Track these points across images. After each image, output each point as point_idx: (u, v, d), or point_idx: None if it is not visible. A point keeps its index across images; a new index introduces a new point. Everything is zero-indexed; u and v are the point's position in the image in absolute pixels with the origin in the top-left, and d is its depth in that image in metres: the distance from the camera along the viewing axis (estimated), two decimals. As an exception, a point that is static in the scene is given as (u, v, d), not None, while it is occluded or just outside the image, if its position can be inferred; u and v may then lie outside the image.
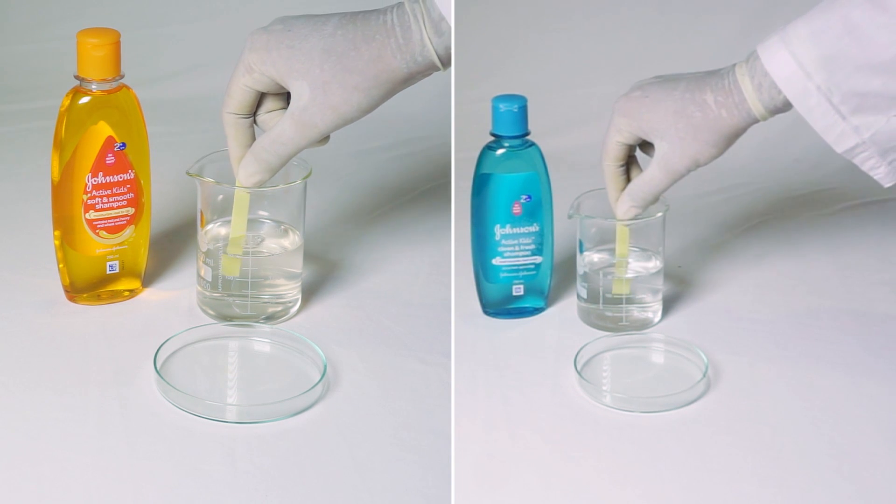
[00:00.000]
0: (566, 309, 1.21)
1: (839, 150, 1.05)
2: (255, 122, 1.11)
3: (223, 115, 1.09)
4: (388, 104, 1.64)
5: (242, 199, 1.12)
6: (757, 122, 1.07)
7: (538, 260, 1.18)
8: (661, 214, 1.16)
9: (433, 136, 1.58)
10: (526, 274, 1.19)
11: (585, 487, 0.98)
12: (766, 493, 0.97)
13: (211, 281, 1.15)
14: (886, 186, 1.07)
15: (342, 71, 1.03)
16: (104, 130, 1.13)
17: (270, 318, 1.16)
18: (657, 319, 1.19)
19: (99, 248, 1.16)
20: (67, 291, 1.17)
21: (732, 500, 0.96)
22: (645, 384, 1.10)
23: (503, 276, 1.18)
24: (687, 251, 1.32)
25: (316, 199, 1.30)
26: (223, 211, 1.16)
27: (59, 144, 1.12)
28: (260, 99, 1.10)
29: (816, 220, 1.40)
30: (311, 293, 1.21)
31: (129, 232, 1.17)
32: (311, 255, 1.25)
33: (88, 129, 1.12)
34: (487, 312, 1.20)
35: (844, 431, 1.03)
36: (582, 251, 1.18)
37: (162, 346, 1.09)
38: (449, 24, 1.01)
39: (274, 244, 1.17)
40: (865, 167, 1.05)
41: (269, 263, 1.16)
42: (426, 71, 1.04)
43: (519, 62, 1.62)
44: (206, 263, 1.15)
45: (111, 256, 1.17)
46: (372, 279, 1.25)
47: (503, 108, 1.15)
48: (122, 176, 1.14)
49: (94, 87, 1.12)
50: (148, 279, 1.21)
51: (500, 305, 1.20)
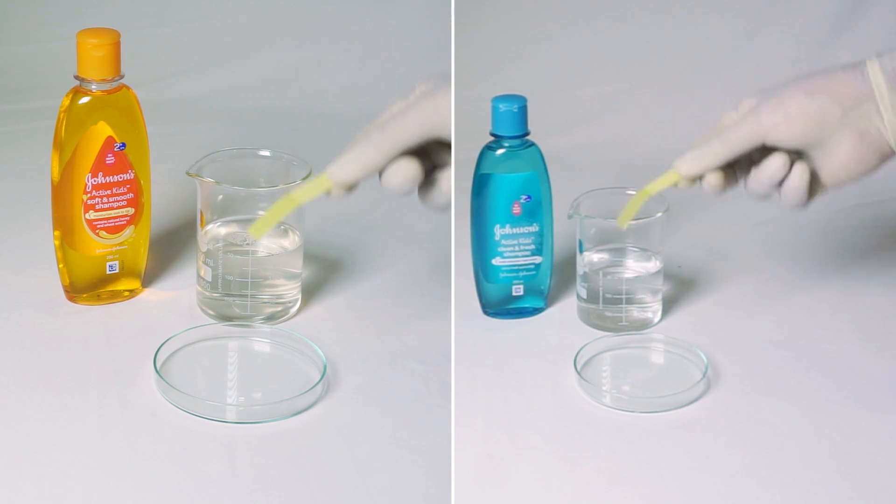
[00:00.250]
0: (566, 309, 1.21)
1: None
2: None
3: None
4: (388, 104, 1.65)
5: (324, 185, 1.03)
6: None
7: (538, 260, 1.18)
8: (661, 214, 1.16)
9: (433, 136, 1.57)
10: (526, 274, 1.19)
11: (585, 488, 0.98)
12: (766, 493, 0.97)
13: (211, 281, 1.15)
14: None
15: None
16: (104, 130, 1.13)
17: (270, 318, 1.16)
18: (657, 319, 1.19)
19: (99, 248, 1.16)
20: (67, 291, 1.17)
21: (732, 500, 0.96)
22: (645, 384, 1.10)
23: (503, 276, 1.18)
24: (687, 251, 1.32)
25: (316, 199, 1.29)
26: (223, 211, 1.16)
27: (59, 144, 1.12)
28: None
29: (816, 220, 1.39)
30: (311, 293, 1.21)
31: (129, 232, 1.17)
32: (311, 255, 1.25)
33: (88, 129, 1.12)
34: (487, 312, 1.20)
35: (844, 431, 1.03)
36: (582, 251, 1.18)
37: (162, 346, 1.09)
38: None
39: (274, 244, 1.17)
40: None
41: (269, 263, 1.16)
42: None
43: (519, 62, 1.62)
44: (206, 263, 1.15)
45: (111, 256, 1.17)
46: (372, 279, 1.25)
47: (503, 108, 1.15)
48: (122, 176, 1.14)
49: (94, 87, 1.12)
50: (148, 279, 1.21)
51: (500, 305, 1.20)
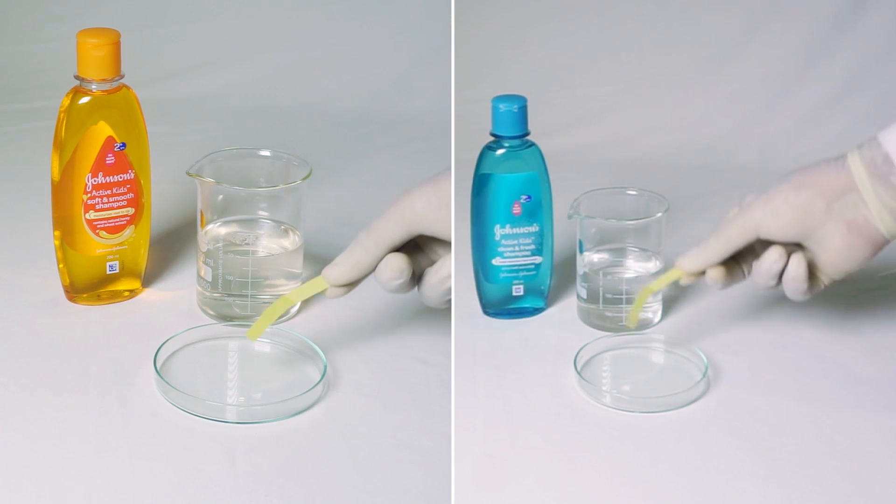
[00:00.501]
0: (566, 309, 1.21)
1: None
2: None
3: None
4: (388, 104, 1.65)
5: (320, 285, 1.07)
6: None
7: (538, 260, 1.18)
8: (661, 214, 1.16)
9: (433, 136, 1.58)
10: (526, 274, 1.19)
11: (585, 487, 0.98)
12: (766, 493, 0.97)
13: (211, 281, 1.15)
14: None
15: None
16: (104, 130, 1.13)
17: (270, 318, 1.16)
18: (657, 319, 1.19)
19: (99, 248, 1.16)
20: (67, 291, 1.17)
21: (732, 500, 0.96)
22: (645, 384, 1.10)
23: (503, 276, 1.18)
24: (687, 251, 1.31)
25: (316, 199, 1.30)
26: (223, 211, 1.16)
27: (59, 144, 1.12)
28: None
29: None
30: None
31: (129, 232, 1.17)
32: (311, 255, 1.25)
33: (88, 129, 1.12)
34: (487, 312, 1.20)
35: (844, 431, 1.03)
36: (582, 251, 1.17)
37: (162, 346, 1.09)
38: None
39: (274, 244, 1.17)
40: None
41: (269, 263, 1.16)
42: None
43: (519, 62, 1.62)
44: (206, 263, 1.15)
45: (111, 256, 1.17)
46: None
47: (503, 108, 1.15)
48: (122, 176, 1.14)
49: (94, 87, 1.12)
50: (148, 279, 1.21)
51: (500, 305, 1.20)
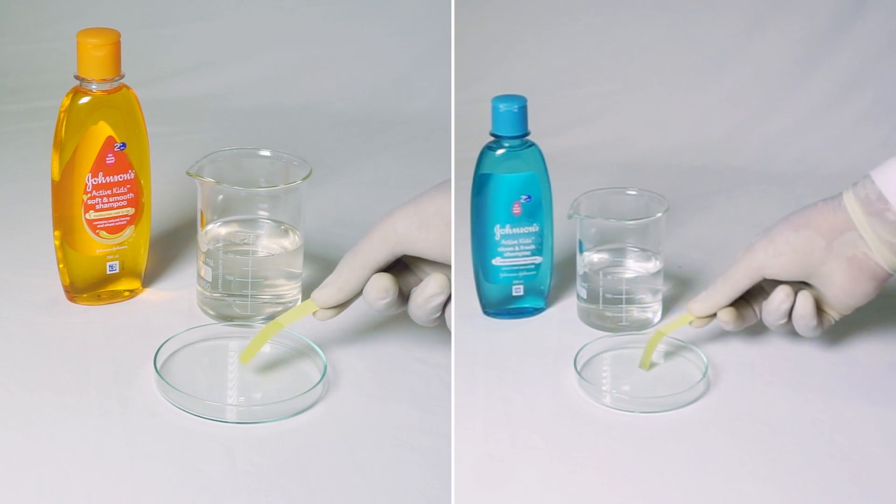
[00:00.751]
0: (566, 309, 1.21)
1: None
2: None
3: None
4: (388, 104, 1.65)
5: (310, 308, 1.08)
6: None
7: (538, 260, 1.18)
8: (661, 214, 1.16)
9: (433, 136, 1.58)
10: (526, 274, 1.19)
11: (585, 488, 0.98)
12: (766, 493, 0.97)
13: (211, 281, 1.15)
14: None
15: None
16: (104, 130, 1.13)
17: (271, 318, 1.16)
18: (657, 319, 1.19)
19: (99, 248, 1.16)
20: (67, 291, 1.17)
21: (732, 500, 0.96)
22: (645, 384, 1.10)
23: (503, 276, 1.18)
24: (687, 251, 1.32)
25: (316, 199, 1.30)
26: (223, 211, 1.16)
27: (59, 144, 1.12)
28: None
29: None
30: (310, 293, 1.21)
31: (129, 232, 1.17)
32: (311, 255, 1.25)
33: (88, 129, 1.12)
34: (487, 312, 1.20)
35: (844, 431, 1.03)
36: (582, 251, 1.17)
37: (162, 346, 1.09)
38: None
39: (274, 244, 1.17)
40: None
41: (269, 263, 1.16)
42: None
43: (519, 62, 1.62)
44: (206, 264, 1.15)
45: (111, 256, 1.17)
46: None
47: (503, 108, 1.15)
48: (122, 176, 1.14)
49: (94, 87, 1.12)
50: (148, 279, 1.21)
51: (500, 305, 1.20)
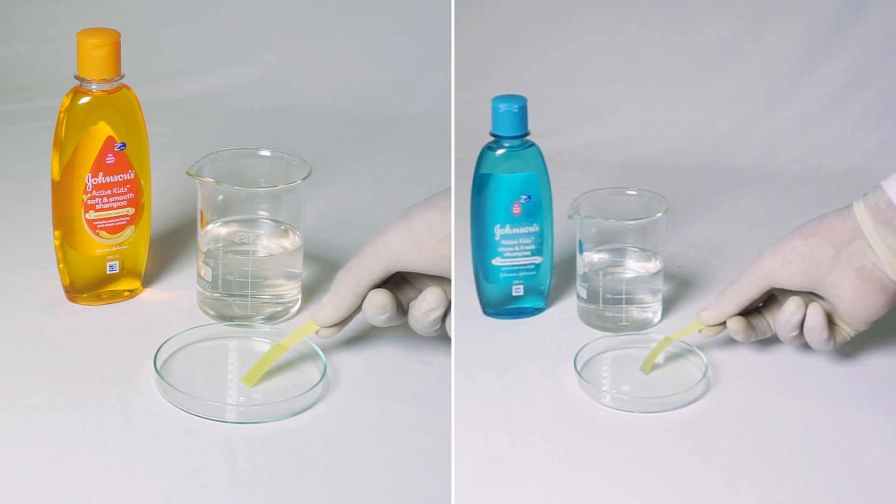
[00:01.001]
0: (566, 309, 1.21)
1: None
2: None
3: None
4: (388, 104, 1.65)
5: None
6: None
7: (538, 260, 1.18)
8: (661, 214, 1.16)
9: (433, 136, 1.58)
10: (526, 274, 1.19)
11: (585, 488, 0.98)
12: (766, 493, 0.97)
13: (211, 281, 1.15)
14: None
15: None
16: (104, 130, 1.13)
17: (270, 318, 1.16)
18: (657, 319, 1.19)
19: (99, 248, 1.16)
20: (67, 291, 1.17)
21: (732, 500, 0.96)
22: (645, 384, 1.10)
23: (503, 276, 1.18)
24: (687, 251, 1.32)
25: (316, 199, 1.30)
26: (223, 211, 1.16)
27: (59, 144, 1.12)
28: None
29: (816, 220, 1.39)
30: (311, 293, 1.21)
31: (129, 232, 1.17)
32: (311, 255, 1.25)
33: (88, 129, 1.12)
34: (487, 312, 1.20)
35: (844, 431, 1.03)
36: (582, 251, 1.17)
37: (162, 346, 1.09)
38: None
39: (274, 244, 1.17)
40: None
41: (269, 263, 1.16)
42: None
43: (519, 62, 1.62)
44: (206, 264, 1.15)
45: (111, 256, 1.17)
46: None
47: (503, 108, 1.15)
48: (122, 176, 1.14)
49: (94, 87, 1.12)
50: (148, 279, 1.21)
51: (500, 306, 1.20)
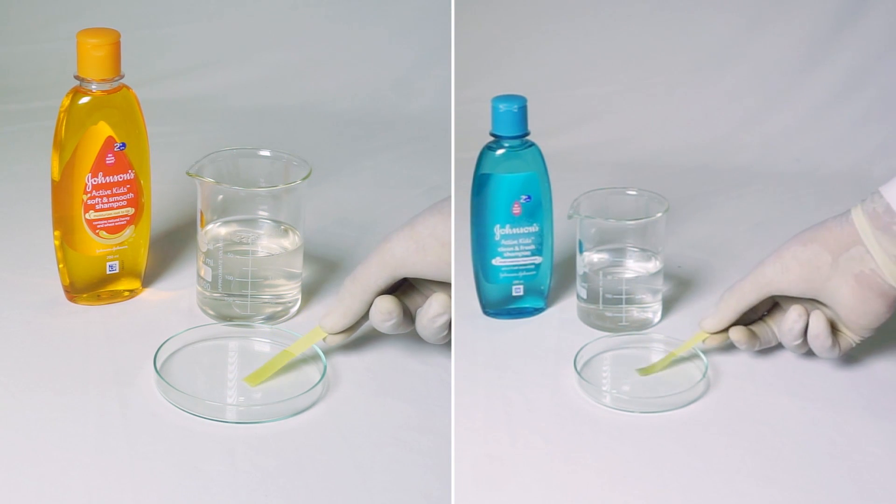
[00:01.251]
0: (566, 309, 1.21)
1: None
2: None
3: None
4: (388, 104, 1.65)
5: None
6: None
7: (538, 260, 1.18)
8: (661, 214, 1.16)
9: (433, 136, 1.58)
10: (526, 274, 1.19)
11: (585, 488, 0.98)
12: (766, 493, 0.97)
13: (211, 281, 1.15)
14: None
15: None
16: (104, 130, 1.13)
17: (270, 318, 1.16)
18: (657, 319, 1.19)
19: (99, 248, 1.16)
20: (67, 291, 1.17)
21: (732, 500, 0.96)
22: (645, 384, 1.10)
23: (503, 276, 1.18)
24: (687, 251, 1.32)
25: (316, 199, 1.30)
26: (223, 211, 1.16)
27: (59, 144, 1.12)
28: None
29: (816, 220, 1.39)
30: (311, 293, 1.21)
31: (129, 232, 1.17)
32: (311, 255, 1.25)
33: (88, 129, 1.12)
34: (487, 312, 1.20)
35: (844, 431, 1.03)
36: (582, 251, 1.17)
37: (162, 346, 1.09)
38: None
39: (274, 244, 1.17)
40: None
41: (269, 263, 1.16)
42: None
43: (519, 62, 1.62)
44: (206, 264, 1.15)
45: (111, 256, 1.17)
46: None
47: (503, 108, 1.15)
48: (122, 176, 1.14)
49: (94, 87, 1.12)
50: (148, 279, 1.21)
51: (499, 306, 1.20)
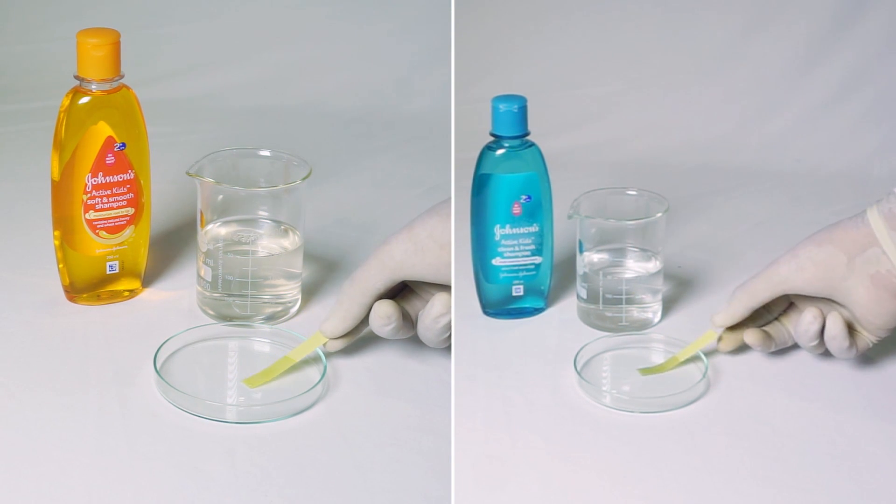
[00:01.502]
0: (566, 309, 1.21)
1: None
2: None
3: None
4: (388, 104, 1.65)
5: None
6: None
7: (538, 260, 1.18)
8: (661, 214, 1.16)
9: (433, 136, 1.58)
10: (526, 274, 1.19)
11: (585, 488, 0.98)
12: (766, 493, 0.97)
13: (211, 281, 1.15)
14: None
15: None
16: (104, 130, 1.13)
17: (270, 318, 1.16)
18: (657, 320, 1.19)
19: (99, 248, 1.16)
20: (67, 291, 1.17)
21: (732, 500, 0.96)
22: (645, 384, 1.10)
23: (503, 276, 1.18)
24: (687, 251, 1.32)
25: (316, 199, 1.30)
26: (223, 211, 1.16)
27: (59, 144, 1.12)
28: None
29: (816, 220, 1.39)
30: (311, 293, 1.21)
31: (129, 232, 1.17)
32: (311, 255, 1.25)
33: (88, 129, 1.12)
34: (487, 313, 1.20)
35: (844, 431, 1.03)
36: (582, 251, 1.17)
37: (162, 346, 1.09)
38: None
39: (274, 244, 1.17)
40: None
41: (269, 263, 1.16)
42: None
43: (519, 62, 1.62)
44: (206, 264, 1.15)
45: (111, 256, 1.17)
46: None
47: (503, 108, 1.15)
48: (121, 176, 1.14)
49: (94, 87, 1.12)
50: (148, 279, 1.21)
51: (499, 306, 1.20)
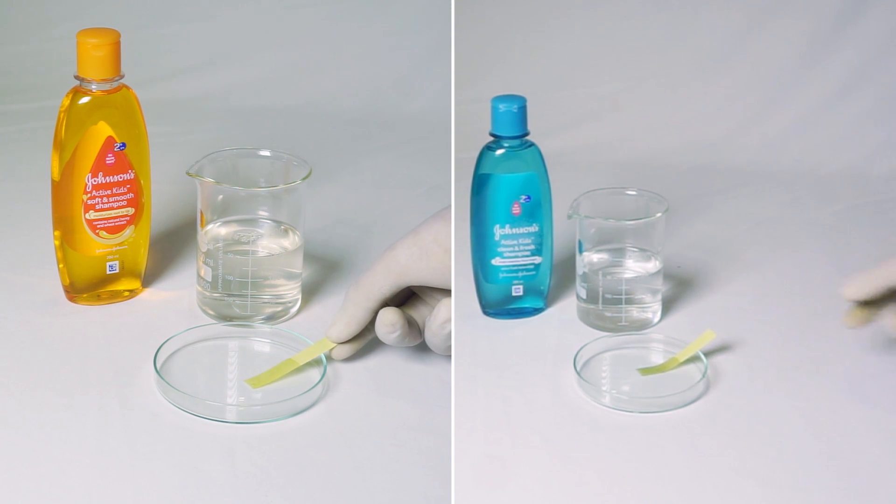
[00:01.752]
0: (566, 309, 1.21)
1: None
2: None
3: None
4: (388, 104, 1.65)
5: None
6: None
7: (538, 260, 1.18)
8: (661, 214, 1.16)
9: (433, 136, 1.58)
10: (525, 274, 1.19)
11: (585, 488, 0.98)
12: (765, 493, 0.97)
13: (211, 281, 1.15)
14: None
15: None
16: (104, 130, 1.13)
17: (270, 318, 1.16)
18: (657, 320, 1.19)
19: (99, 248, 1.16)
20: (67, 291, 1.17)
21: (732, 500, 0.96)
22: (645, 384, 1.10)
23: (503, 276, 1.18)
24: (687, 251, 1.32)
25: (316, 199, 1.30)
26: (223, 211, 1.16)
27: (59, 144, 1.12)
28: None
29: (816, 220, 1.40)
30: (311, 293, 1.21)
31: (129, 232, 1.17)
32: (311, 255, 1.25)
33: (88, 129, 1.12)
34: (487, 313, 1.20)
35: (843, 431, 1.03)
36: (581, 251, 1.17)
37: (162, 346, 1.09)
38: None
39: (274, 244, 1.17)
40: None
41: (269, 263, 1.16)
42: None
43: (519, 62, 1.62)
44: (206, 264, 1.15)
45: (111, 256, 1.17)
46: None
47: (503, 108, 1.15)
48: (122, 176, 1.14)
49: (94, 87, 1.12)
50: (148, 279, 1.21)
51: (499, 306, 1.20)
